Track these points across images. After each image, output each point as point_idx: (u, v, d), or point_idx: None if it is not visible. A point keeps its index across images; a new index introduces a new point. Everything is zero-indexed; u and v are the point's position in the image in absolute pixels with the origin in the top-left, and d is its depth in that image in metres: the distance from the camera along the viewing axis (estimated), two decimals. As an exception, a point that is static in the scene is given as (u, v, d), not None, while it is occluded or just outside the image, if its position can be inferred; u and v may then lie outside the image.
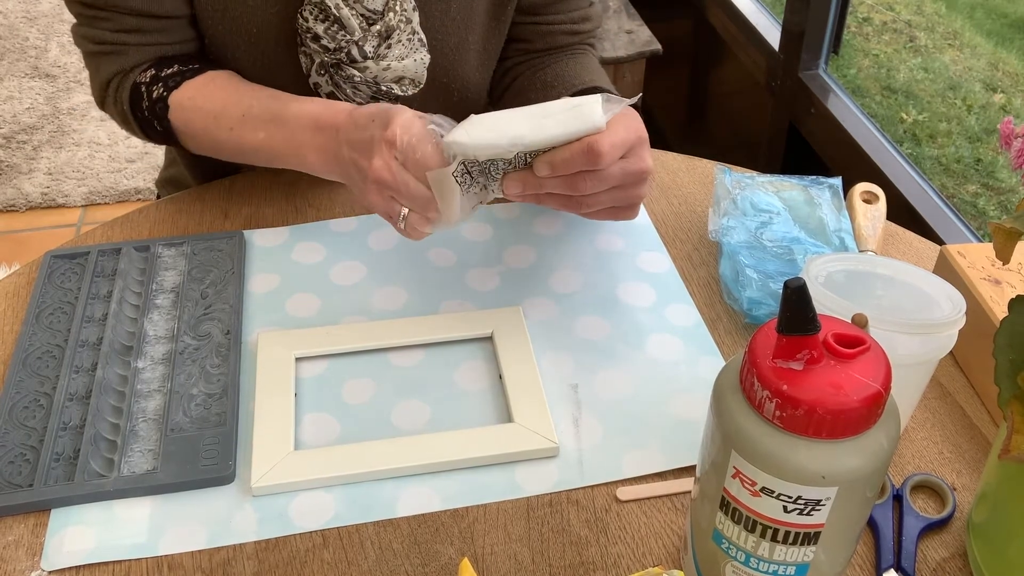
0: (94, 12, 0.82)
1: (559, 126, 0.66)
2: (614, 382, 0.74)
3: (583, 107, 0.66)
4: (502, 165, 0.68)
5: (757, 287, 0.78)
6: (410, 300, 0.81)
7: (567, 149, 0.66)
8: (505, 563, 0.62)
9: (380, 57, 0.83)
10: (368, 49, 0.82)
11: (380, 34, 0.82)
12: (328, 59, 0.83)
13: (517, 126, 0.66)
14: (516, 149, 0.66)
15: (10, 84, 2.54)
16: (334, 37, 0.81)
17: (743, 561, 0.53)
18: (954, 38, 2.49)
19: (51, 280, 0.81)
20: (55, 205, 2.20)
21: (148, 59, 0.85)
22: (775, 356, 0.47)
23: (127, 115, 0.86)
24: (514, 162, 0.68)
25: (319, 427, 0.70)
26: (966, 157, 2.16)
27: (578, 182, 0.68)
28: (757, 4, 1.81)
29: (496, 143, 0.66)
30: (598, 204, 0.71)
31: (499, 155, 0.67)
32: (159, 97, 0.84)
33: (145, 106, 0.85)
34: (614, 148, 0.67)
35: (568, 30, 0.97)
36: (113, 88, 0.86)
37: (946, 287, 0.65)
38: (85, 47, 0.86)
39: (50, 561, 0.61)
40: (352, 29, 0.80)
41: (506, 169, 0.69)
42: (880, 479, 0.49)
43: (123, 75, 0.85)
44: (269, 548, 0.63)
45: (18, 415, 0.69)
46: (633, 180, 0.71)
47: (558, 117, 0.66)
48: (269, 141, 0.80)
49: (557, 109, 0.67)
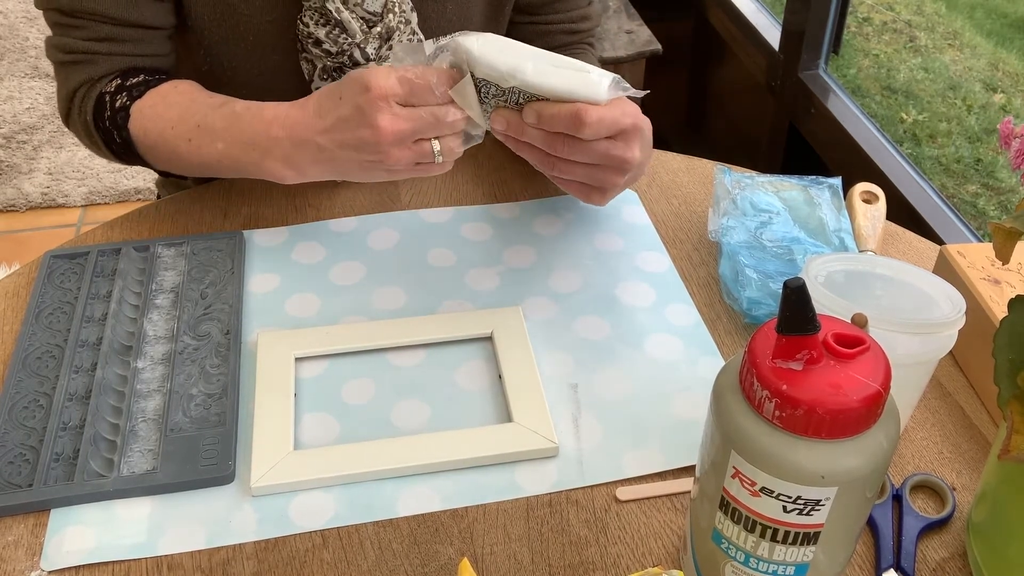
0: (69, 20, 0.81)
1: (561, 80, 0.66)
2: (614, 382, 0.74)
3: (591, 75, 0.66)
4: (493, 93, 0.68)
5: (757, 287, 0.78)
6: (410, 300, 0.81)
7: (557, 106, 0.66)
8: (505, 563, 0.62)
9: (382, 59, 0.83)
10: (370, 51, 0.82)
11: (381, 36, 0.82)
12: (331, 63, 0.83)
13: (523, 61, 0.66)
14: (512, 81, 0.66)
15: (10, 84, 2.54)
16: (336, 41, 0.81)
17: (742, 561, 0.53)
18: (954, 38, 2.49)
19: (51, 280, 0.81)
20: (55, 205, 2.20)
21: (117, 69, 0.84)
22: (775, 356, 0.47)
23: (89, 127, 0.84)
24: (507, 96, 0.68)
25: (319, 427, 0.70)
26: (966, 157, 2.16)
27: (556, 142, 0.68)
28: (757, 4, 1.81)
29: (496, 66, 0.66)
30: (570, 173, 0.71)
31: (495, 79, 0.67)
32: (122, 106, 0.82)
33: (107, 116, 0.83)
34: (600, 124, 0.66)
35: (567, 29, 0.97)
36: (79, 98, 0.84)
37: (946, 287, 0.65)
38: (56, 57, 0.84)
39: (50, 561, 0.61)
40: (353, 32, 0.81)
41: (498, 102, 0.69)
42: (880, 479, 0.49)
43: (90, 85, 0.84)
44: (269, 548, 0.63)
45: (18, 415, 0.69)
46: (612, 164, 0.70)
47: (564, 72, 0.66)
48: (229, 150, 0.78)
49: (567, 64, 0.67)
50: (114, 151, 0.85)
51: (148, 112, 0.81)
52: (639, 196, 0.93)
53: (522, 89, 0.67)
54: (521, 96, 0.68)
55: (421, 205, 0.91)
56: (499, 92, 0.68)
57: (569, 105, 0.66)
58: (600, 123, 0.66)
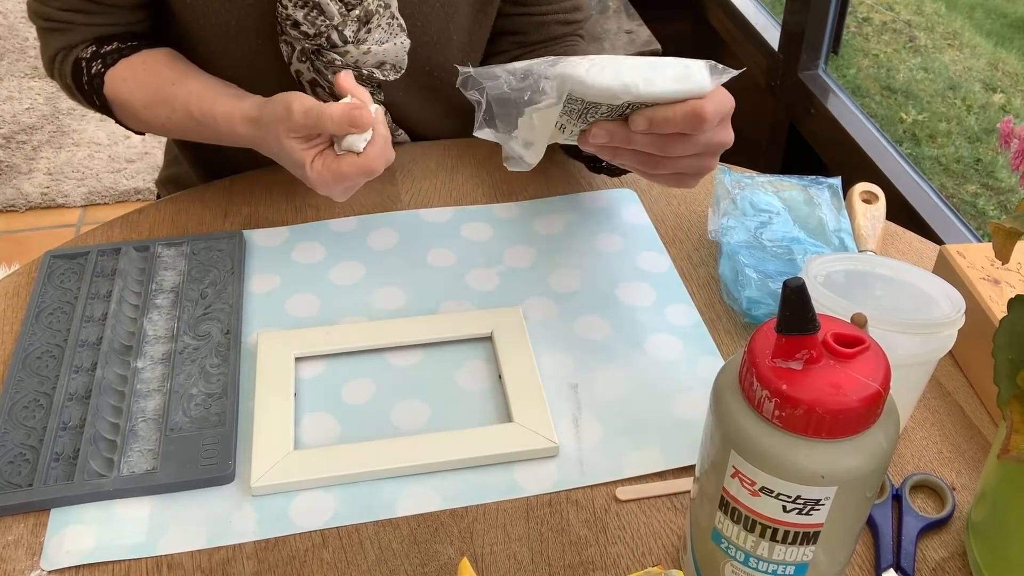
0: None
1: (668, 82, 0.64)
2: (614, 382, 0.74)
3: (691, 68, 0.65)
4: (603, 111, 0.65)
5: (756, 287, 0.78)
6: (410, 300, 0.81)
7: (670, 109, 0.64)
8: (504, 563, 0.62)
9: (360, 41, 0.84)
10: (348, 34, 0.83)
11: (359, 19, 0.83)
12: (309, 45, 0.84)
13: (631, 75, 0.63)
14: (626, 98, 0.64)
15: (10, 84, 2.54)
16: (314, 23, 0.82)
17: (742, 561, 0.53)
18: (954, 38, 2.49)
19: (51, 280, 0.81)
20: (55, 205, 2.20)
21: (92, 37, 0.89)
22: (774, 356, 0.47)
23: (71, 88, 0.91)
24: (612, 111, 0.65)
25: (319, 427, 0.70)
26: (966, 157, 2.16)
27: (670, 143, 0.67)
28: (757, 4, 1.81)
29: (611, 87, 0.63)
30: (675, 167, 0.70)
31: (606, 100, 0.64)
32: (96, 73, 0.87)
33: (84, 81, 0.88)
34: (716, 115, 0.65)
35: (561, 20, 0.98)
36: (58, 62, 0.90)
37: (945, 287, 0.65)
38: (36, 22, 0.90)
39: (50, 561, 0.61)
40: (331, 14, 0.81)
41: (605, 115, 0.66)
42: (879, 479, 0.49)
43: (68, 50, 0.89)
44: (269, 548, 0.63)
45: (18, 415, 0.69)
46: (714, 150, 0.69)
47: (666, 73, 0.64)
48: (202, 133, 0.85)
49: (664, 65, 0.65)
50: (97, 110, 0.92)
51: (120, 86, 0.87)
52: (639, 196, 0.93)
53: (631, 102, 0.65)
54: (627, 107, 0.65)
55: (421, 205, 0.91)
56: (608, 110, 0.66)
57: (683, 106, 0.64)
58: (716, 115, 0.65)
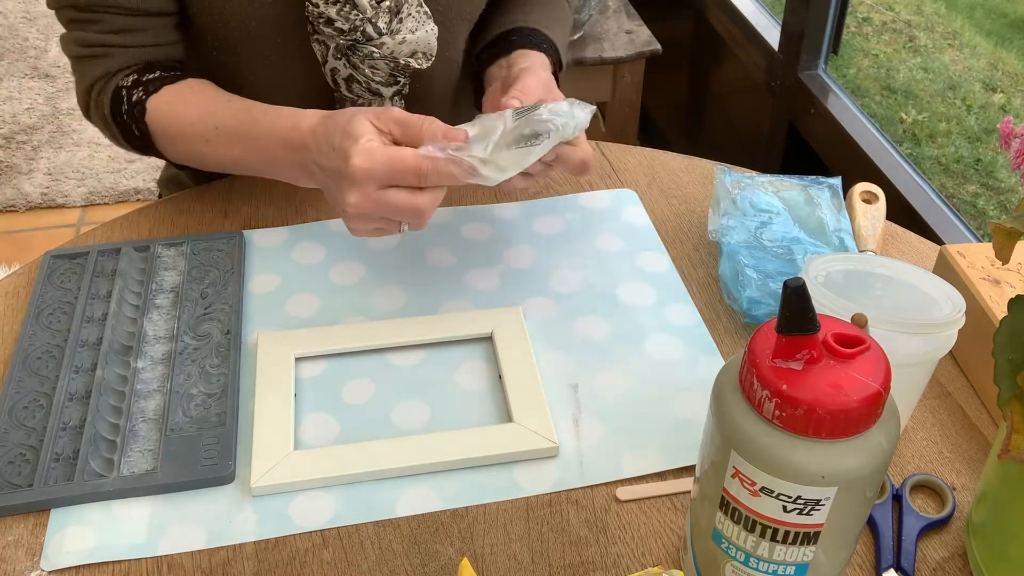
0: (85, 16, 0.83)
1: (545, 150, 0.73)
2: (614, 382, 0.74)
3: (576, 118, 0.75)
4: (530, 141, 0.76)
5: (757, 287, 0.78)
6: (410, 300, 0.81)
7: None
8: (505, 563, 0.62)
9: (394, 32, 0.84)
10: (381, 25, 0.83)
11: (390, 9, 0.83)
12: (344, 41, 0.84)
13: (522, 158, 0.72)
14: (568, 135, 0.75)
15: (10, 84, 2.54)
16: (347, 18, 0.82)
17: (743, 561, 0.53)
18: (954, 38, 2.49)
19: (51, 280, 0.81)
20: (55, 205, 2.20)
21: (133, 63, 0.85)
22: (774, 356, 0.47)
23: (108, 120, 0.86)
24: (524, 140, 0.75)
25: (319, 427, 0.70)
26: (966, 157, 2.16)
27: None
28: (757, 4, 1.81)
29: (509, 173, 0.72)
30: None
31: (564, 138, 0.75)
32: (138, 100, 0.83)
33: (124, 110, 0.84)
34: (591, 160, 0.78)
35: None
36: (96, 93, 0.86)
37: (946, 287, 0.65)
38: (72, 51, 0.86)
39: (50, 561, 0.61)
40: (364, 8, 0.82)
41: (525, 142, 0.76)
42: (880, 479, 0.49)
43: (107, 79, 0.85)
44: (269, 548, 0.63)
45: (18, 415, 0.69)
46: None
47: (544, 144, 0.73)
48: (244, 156, 0.80)
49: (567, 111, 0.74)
50: (132, 143, 0.87)
51: (166, 109, 0.83)
52: (639, 196, 0.93)
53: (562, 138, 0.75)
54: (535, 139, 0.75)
55: (421, 205, 0.91)
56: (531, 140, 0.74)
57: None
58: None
